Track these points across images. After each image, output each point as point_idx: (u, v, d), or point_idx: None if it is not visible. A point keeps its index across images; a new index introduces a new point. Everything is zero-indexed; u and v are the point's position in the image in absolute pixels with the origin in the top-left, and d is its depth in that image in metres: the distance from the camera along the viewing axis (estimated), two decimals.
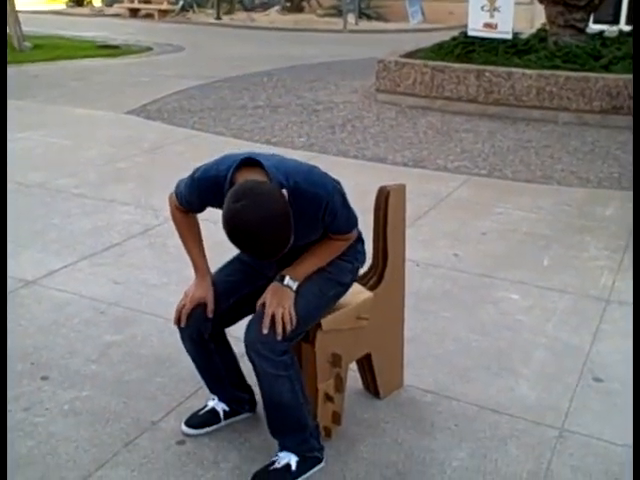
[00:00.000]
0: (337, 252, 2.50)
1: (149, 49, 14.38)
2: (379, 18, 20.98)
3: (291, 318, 2.33)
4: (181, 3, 22.00)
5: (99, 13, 23.28)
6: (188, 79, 10.18)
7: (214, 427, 2.73)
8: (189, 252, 2.58)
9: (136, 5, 22.41)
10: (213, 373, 2.65)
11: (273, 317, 2.31)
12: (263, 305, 2.35)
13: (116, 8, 23.09)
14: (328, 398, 2.68)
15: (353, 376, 2.97)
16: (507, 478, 2.54)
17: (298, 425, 2.44)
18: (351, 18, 19.39)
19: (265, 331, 2.29)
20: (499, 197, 5.53)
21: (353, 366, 2.94)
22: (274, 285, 2.39)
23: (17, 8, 13.80)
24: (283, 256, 2.45)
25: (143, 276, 4.05)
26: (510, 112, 8.10)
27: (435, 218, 5.07)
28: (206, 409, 2.76)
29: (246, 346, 2.34)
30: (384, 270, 2.83)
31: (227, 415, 2.75)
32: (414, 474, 2.56)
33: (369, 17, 20.95)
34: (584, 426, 2.81)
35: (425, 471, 2.57)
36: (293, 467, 2.47)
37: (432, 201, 5.38)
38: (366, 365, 2.95)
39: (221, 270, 2.61)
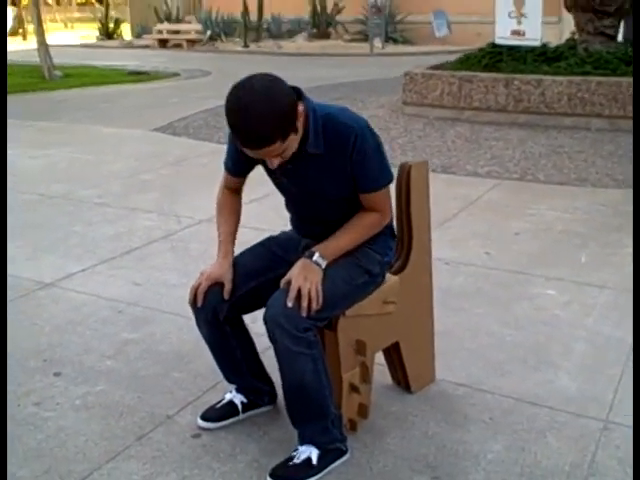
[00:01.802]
0: (368, 231, 2.36)
1: (177, 75, 14.47)
2: (406, 42, 20.96)
3: (317, 295, 2.18)
4: (209, 33, 22.20)
5: (129, 45, 23.60)
6: (214, 99, 10.13)
7: (232, 420, 2.58)
8: (219, 232, 2.47)
9: (165, 36, 22.65)
10: (229, 358, 2.49)
11: (299, 291, 2.16)
12: (288, 283, 2.20)
13: (145, 39, 23.38)
14: (353, 389, 2.51)
15: (381, 370, 2.80)
16: (548, 470, 2.35)
17: (320, 411, 2.27)
18: (378, 42, 19.39)
19: (290, 304, 2.15)
20: (532, 199, 5.34)
21: (381, 360, 2.78)
22: (303, 260, 2.25)
23: (50, 42, 14.03)
24: (310, 230, 2.32)
25: (163, 277, 3.93)
26: (541, 120, 7.91)
27: (465, 220, 4.90)
28: (223, 402, 2.61)
29: (267, 322, 2.18)
30: (409, 253, 2.67)
31: (245, 408, 2.59)
32: (445, 466, 2.37)
33: (395, 41, 20.94)
34: (630, 418, 2.60)
35: (457, 463, 2.39)
36: (314, 461, 2.30)
37: (462, 204, 5.21)
38: (395, 356, 2.78)
39: (243, 253, 2.48)
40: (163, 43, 22.40)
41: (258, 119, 1.99)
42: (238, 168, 2.44)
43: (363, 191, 2.29)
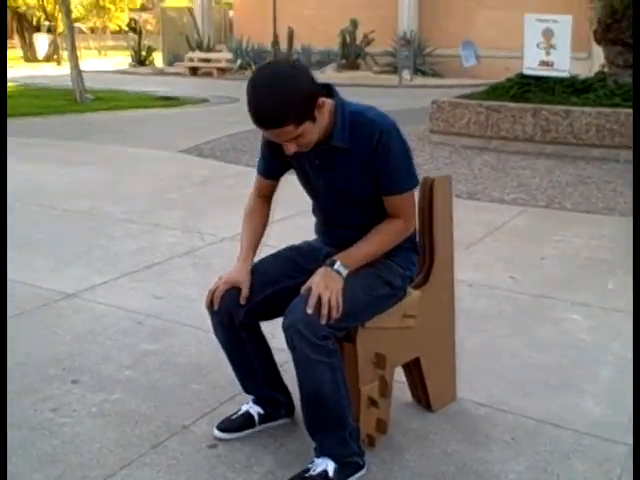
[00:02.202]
0: (391, 240, 2.33)
1: (205, 100, 14.62)
2: (434, 74, 21.04)
3: (338, 303, 2.15)
4: (239, 62, 22.44)
5: (160, 72, 23.93)
6: (241, 124, 10.18)
7: (248, 432, 2.54)
8: (241, 238, 2.48)
9: (196, 64, 22.94)
10: (245, 365, 2.46)
11: (319, 299, 2.14)
12: (309, 290, 2.18)
13: (176, 67, 23.69)
14: (372, 403, 2.46)
15: (401, 388, 2.76)
16: None
17: (337, 422, 2.23)
18: (406, 74, 19.48)
19: (310, 311, 2.12)
20: (558, 226, 5.28)
21: (401, 378, 2.73)
22: (324, 268, 2.23)
23: (83, 68, 14.29)
24: (335, 236, 2.30)
25: (184, 292, 3.92)
26: (569, 151, 7.86)
27: (490, 244, 4.85)
28: (240, 412, 2.57)
29: (286, 328, 2.15)
30: (431, 267, 2.63)
31: (262, 419, 2.56)
32: None
33: (424, 73, 21.03)
34: None
35: None
36: (330, 474, 2.25)
37: (486, 229, 5.16)
38: (415, 373, 2.73)
39: (263, 261, 2.47)
40: (194, 71, 22.69)
41: (272, 99, 2.03)
42: (269, 169, 2.46)
43: (387, 192, 2.27)
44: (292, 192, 2.81)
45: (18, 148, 8.52)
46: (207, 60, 23.12)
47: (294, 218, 4.62)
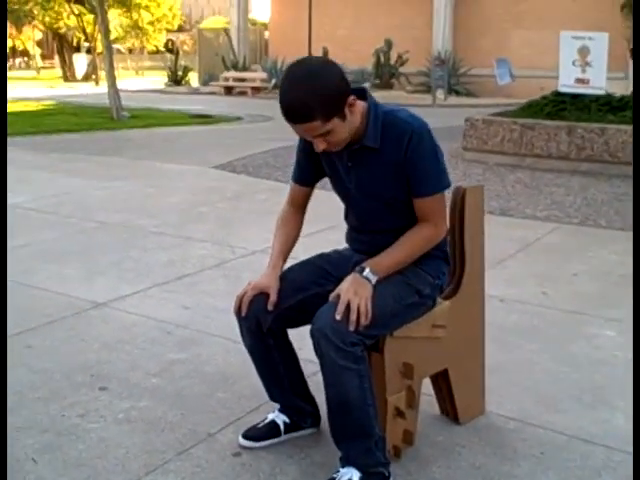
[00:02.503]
0: (421, 246, 2.31)
1: (239, 118, 14.76)
2: (469, 94, 21.01)
3: (367, 310, 2.14)
4: (274, 81, 22.61)
5: (195, 91, 24.24)
6: (274, 141, 10.29)
7: (273, 441, 2.52)
8: (272, 245, 2.48)
9: (231, 83, 23.21)
10: (272, 372, 2.45)
11: (348, 305, 2.12)
12: (337, 297, 2.17)
13: (212, 86, 23.98)
14: (399, 413, 2.43)
15: (428, 400, 2.72)
16: None
17: (363, 430, 2.20)
18: (440, 94, 19.47)
19: (338, 317, 2.11)
20: (592, 243, 5.21)
21: (429, 390, 2.70)
22: (353, 275, 2.22)
23: (120, 87, 14.53)
24: (366, 242, 2.32)
25: (214, 303, 3.92)
26: (604, 169, 7.76)
27: (522, 260, 4.79)
28: (266, 421, 2.56)
29: (314, 334, 2.14)
30: (462, 277, 2.60)
31: (288, 428, 2.54)
32: None
33: (458, 93, 21.02)
34: None
35: None
36: None
37: (519, 245, 5.11)
38: (443, 385, 2.70)
39: (292, 268, 2.47)
40: (229, 90, 22.95)
41: (300, 93, 2.05)
42: (304, 176, 2.48)
43: (416, 194, 2.26)
44: (321, 208, 2.82)
45: (56, 163, 8.68)
46: (242, 79, 23.37)
47: (324, 232, 4.61)
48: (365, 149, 2.27)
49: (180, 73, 26.96)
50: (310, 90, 2.05)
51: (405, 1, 22.60)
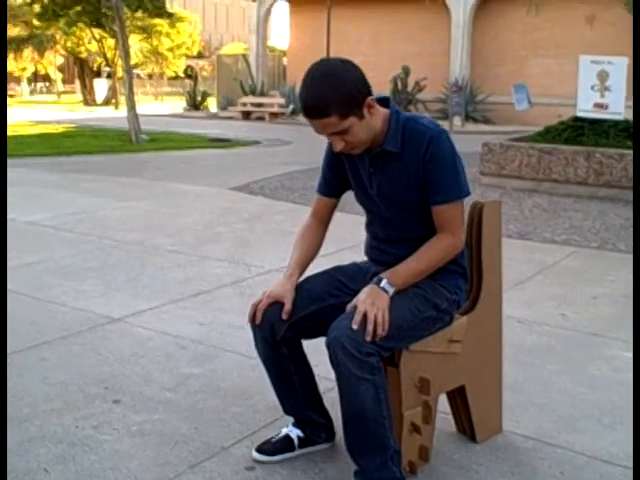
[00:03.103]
0: (438, 257, 2.29)
1: (257, 142, 14.84)
2: (486, 121, 21.03)
3: (384, 321, 2.12)
4: (292, 107, 22.79)
5: (214, 116, 24.43)
6: (291, 165, 10.33)
7: (287, 455, 2.50)
8: (291, 255, 2.48)
9: (248, 108, 23.37)
10: (286, 384, 2.43)
11: (365, 316, 2.11)
12: (354, 307, 2.16)
13: (230, 111, 24.16)
14: (415, 429, 2.40)
15: (445, 418, 2.69)
16: None
17: (378, 443, 2.17)
18: (457, 120, 19.50)
19: (355, 327, 2.09)
20: (611, 266, 5.16)
21: (445, 408, 2.67)
22: (370, 286, 2.21)
23: (140, 112, 14.69)
24: (384, 252, 2.35)
25: (229, 319, 3.91)
26: (623, 194, 7.71)
27: (540, 282, 4.75)
28: (280, 435, 2.53)
29: (330, 343, 2.12)
30: (479, 294, 2.58)
31: (302, 443, 2.51)
32: None
33: (475, 120, 21.04)
34: None
35: None
36: None
37: (537, 268, 5.07)
38: (460, 402, 2.66)
39: (308, 278, 2.45)
40: (246, 115, 23.11)
41: (317, 89, 2.11)
42: (328, 186, 2.49)
43: (434, 202, 2.25)
44: (340, 230, 2.81)
45: (76, 183, 8.74)
46: (260, 104, 23.52)
47: (342, 252, 4.60)
48: (386, 154, 2.28)
49: (199, 98, 27.22)
50: (327, 86, 2.11)
51: (423, 28, 22.73)
